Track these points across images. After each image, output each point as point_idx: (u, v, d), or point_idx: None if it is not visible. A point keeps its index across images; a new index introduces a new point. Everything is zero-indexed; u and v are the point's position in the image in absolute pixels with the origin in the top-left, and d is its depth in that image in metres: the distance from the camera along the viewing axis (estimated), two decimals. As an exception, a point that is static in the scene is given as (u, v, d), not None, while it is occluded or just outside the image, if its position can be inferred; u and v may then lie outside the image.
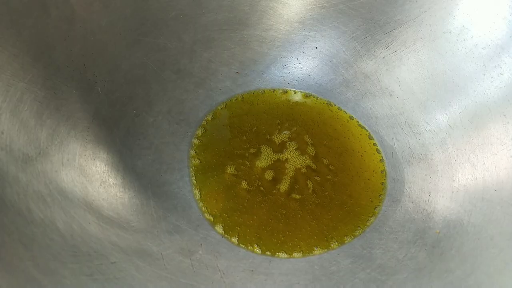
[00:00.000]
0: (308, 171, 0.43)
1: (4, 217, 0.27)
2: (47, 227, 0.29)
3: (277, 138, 0.46)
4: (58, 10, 0.36)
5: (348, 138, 0.46)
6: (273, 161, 0.44)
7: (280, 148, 0.45)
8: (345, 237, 0.39)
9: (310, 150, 0.45)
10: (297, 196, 0.41)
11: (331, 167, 0.44)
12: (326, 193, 0.42)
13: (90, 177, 0.35)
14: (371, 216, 0.41)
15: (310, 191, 0.42)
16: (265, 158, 0.44)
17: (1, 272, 0.24)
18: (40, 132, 0.33)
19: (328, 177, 0.43)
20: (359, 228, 0.40)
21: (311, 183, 0.42)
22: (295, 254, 0.38)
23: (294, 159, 0.44)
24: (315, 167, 0.44)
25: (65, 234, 0.29)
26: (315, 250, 0.38)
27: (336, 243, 0.39)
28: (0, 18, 0.32)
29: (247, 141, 0.45)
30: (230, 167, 0.43)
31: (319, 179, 0.43)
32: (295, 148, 0.45)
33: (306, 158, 0.44)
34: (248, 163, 0.43)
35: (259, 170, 0.43)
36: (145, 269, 0.31)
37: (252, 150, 0.44)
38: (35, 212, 0.29)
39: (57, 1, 0.36)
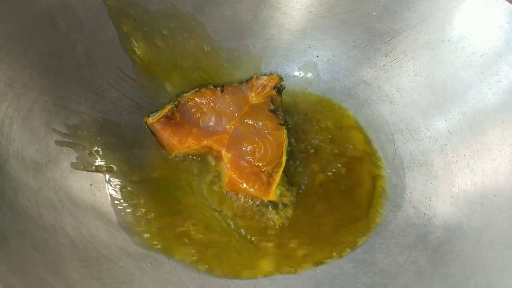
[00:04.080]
0: (310, 176, 0.44)
1: (17, 223, 0.28)
2: (57, 232, 0.30)
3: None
4: (66, 22, 0.37)
5: (349, 145, 0.47)
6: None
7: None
8: (347, 241, 0.40)
9: (312, 156, 0.45)
10: (300, 201, 0.42)
11: (331, 172, 0.44)
12: (328, 198, 0.42)
13: (98, 184, 0.36)
14: (372, 221, 0.41)
15: (313, 196, 0.42)
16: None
17: (14, 275, 0.25)
18: (49, 140, 0.34)
19: (329, 182, 0.44)
20: (361, 233, 0.40)
21: (312, 188, 0.43)
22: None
23: (296, 164, 0.45)
24: (317, 172, 0.44)
25: (74, 239, 0.30)
26: (318, 254, 0.39)
27: (339, 247, 0.39)
28: (11, 31, 0.33)
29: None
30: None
31: (320, 184, 0.43)
32: (297, 152, 0.45)
33: (308, 163, 0.45)
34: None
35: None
36: (153, 273, 0.32)
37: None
38: (46, 218, 0.30)
39: (65, 13, 0.37)
